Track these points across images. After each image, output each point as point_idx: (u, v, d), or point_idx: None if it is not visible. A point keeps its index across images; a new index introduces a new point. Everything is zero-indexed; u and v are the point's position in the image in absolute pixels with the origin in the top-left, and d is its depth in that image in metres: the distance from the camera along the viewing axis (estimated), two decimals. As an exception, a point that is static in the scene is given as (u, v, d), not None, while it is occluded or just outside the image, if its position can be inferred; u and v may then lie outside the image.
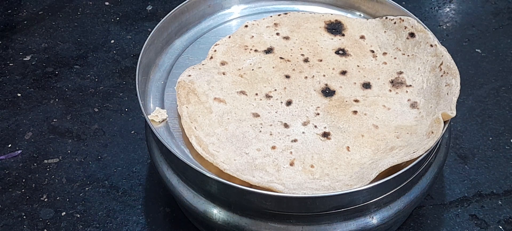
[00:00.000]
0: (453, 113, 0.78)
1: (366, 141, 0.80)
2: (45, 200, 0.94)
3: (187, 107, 0.83)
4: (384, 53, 0.94)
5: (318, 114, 0.85)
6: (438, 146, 0.82)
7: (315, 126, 0.83)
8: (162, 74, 0.92)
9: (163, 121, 0.84)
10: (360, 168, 0.76)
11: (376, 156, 0.78)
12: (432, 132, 0.77)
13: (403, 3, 1.10)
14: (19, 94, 1.13)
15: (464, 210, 0.93)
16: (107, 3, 1.36)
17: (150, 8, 1.34)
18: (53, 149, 1.02)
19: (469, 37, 1.26)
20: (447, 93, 0.82)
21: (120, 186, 0.96)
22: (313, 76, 0.90)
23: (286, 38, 0.96)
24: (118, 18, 1.31)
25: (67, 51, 1.23)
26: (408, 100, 0.86)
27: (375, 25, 0.98)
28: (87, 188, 0.96)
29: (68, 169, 0.99)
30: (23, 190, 0.96)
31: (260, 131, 0.82)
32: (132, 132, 1.05)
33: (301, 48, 0.95)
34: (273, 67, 0.91)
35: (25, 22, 1.31)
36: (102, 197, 0.95)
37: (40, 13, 1.34)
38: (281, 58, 0.93)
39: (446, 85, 0.83)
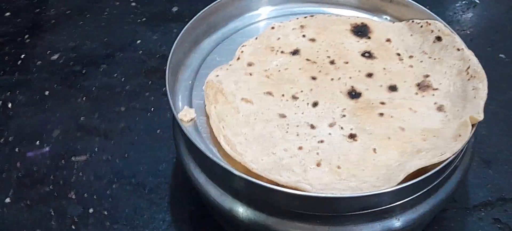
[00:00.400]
0: (480, 116, 0.78)
1: (393, 143, 0.81)
2: (73, 197, 0.96)
3: (215, 107, 0.84)
4: (410, 57, 0.94)
5: (344, 116, 0.85)
6: (464, 149, 0.82)
7: (342, 128, 0.83)
8: (190, 74, 0.93)
9: (191, 120, 0.85)
10: (387, 169, 0.77)
11: (402, 158, 0.78)
12: (459, 135, 0.77)
13: (427, 7, 1.10)
14: (47, 92, 1.14)
15: (488, 214, 0.93)
16: (133, 4, 1.38)
17: (176, 9, 1.36)
18: (81, 146, 1.04)
19: (493, 43, 1.26)
20: (474, 97, 0.82)
21: (147, 183, 0.97)
22: (339, 78, 0.91)
23: (312, 40, 0.97)
24: (144, 19, 1.33)
25: (95, 50, 1.25)
26: (435, 103, 0.86)
27: (401, 29, 0.98)
28: (114, 186, 0.97)
29: (95, 166, 1.00)
30: (51, 187, 0.97)
31: (287, 132, 0.83)
32: (158, 131, 1.06)
33: (327, 50, 0.96)
34: (300, 69, 0.92)
35: (53, 21, 1.33)
36: (129, 194, 0.96)
37: (67, 12, 1.36)
38: (307, 60, 0.94)
39: (473, 89, 0.84)
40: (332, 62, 0.94)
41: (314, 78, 0.91)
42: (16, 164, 1.01)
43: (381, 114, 0.85)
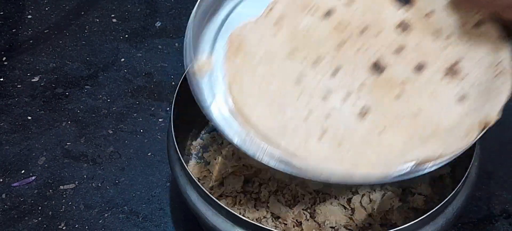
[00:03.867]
0: (497, 116, 0.75)
1: (401, 129, 0.77)
2: (64, 228, 0.92)
3: (233, 62, 0.81)
4: (447, 37, 0.89)
5: (360, 91, 0.82)
6: (472, 164, 0.80)
7: (354, 104, 0.80)
8: (215, 25, 0.85)
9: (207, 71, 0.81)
10: (387, 155, 0.74)
11: (406, 146, 0.75)
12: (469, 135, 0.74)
13: None
14: (29, 117, 1.10)
15: (493, 228, 0.91)
16: (114, 20, 1.33)
17: (159, 24, 1.31)
18: (69, 174, 1.00)
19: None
20: (496, 95, 0.79)
21: (140, 211, 0.94)
22: (366, 49, 0.86)
23: (349, 3, 0.92)
24: (127, 36, 1.29)
25: (76, 71, 1.20)
26: (457, 93, 0.82)
27: (448, 3, 0.94)
28: (106, 215, 0.93)
29: (85, 195, 0.96)
30: (39, 218, 0.93)
31: (298, 99, 0.79)
32: (149, 154, 1.02)
33: (361, 17, 0.90)
34: (327, 34, 0.88)
35: (31, 41, 1.28)
36: (123, 223, 0.92)
37: (45, 31, 1.31)
38: (338, 24, 0.89)
39: (497, 86, 0.80)
40: (362, 31, 0.89)
41: (340, 45, 0.87)
42: (1, 195, 0.96)
43: (398, 96, 0.81)
